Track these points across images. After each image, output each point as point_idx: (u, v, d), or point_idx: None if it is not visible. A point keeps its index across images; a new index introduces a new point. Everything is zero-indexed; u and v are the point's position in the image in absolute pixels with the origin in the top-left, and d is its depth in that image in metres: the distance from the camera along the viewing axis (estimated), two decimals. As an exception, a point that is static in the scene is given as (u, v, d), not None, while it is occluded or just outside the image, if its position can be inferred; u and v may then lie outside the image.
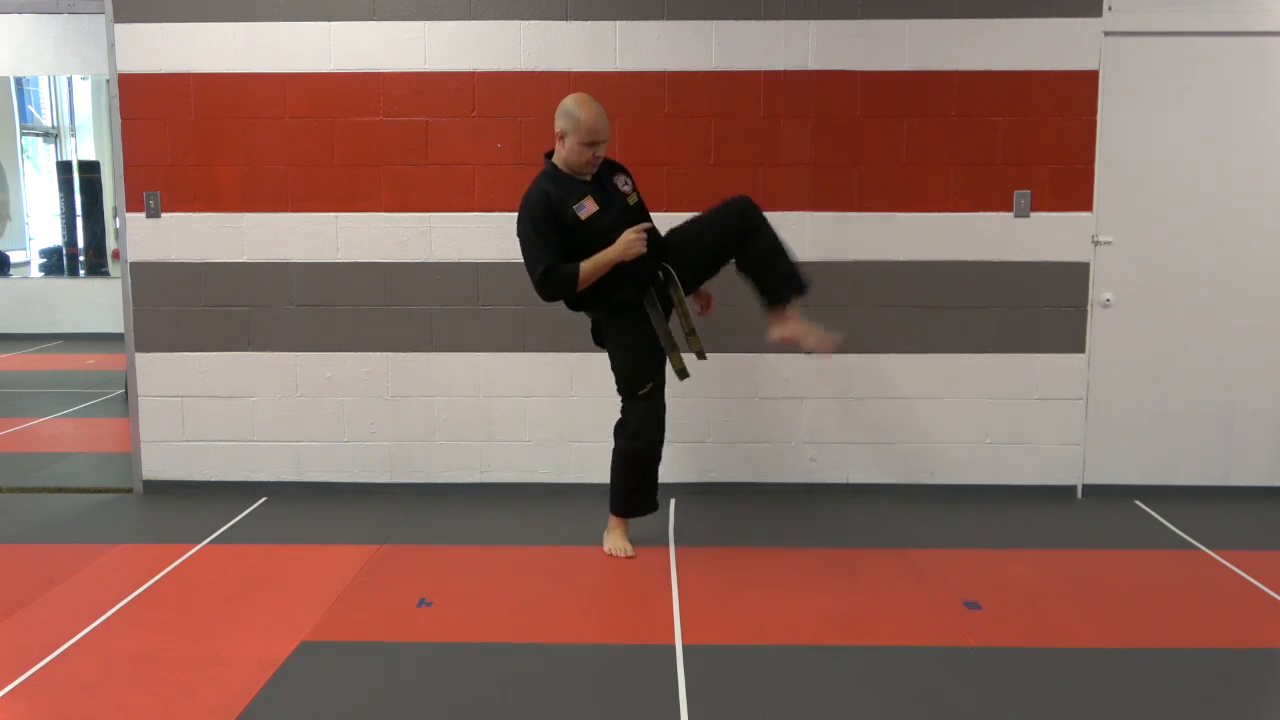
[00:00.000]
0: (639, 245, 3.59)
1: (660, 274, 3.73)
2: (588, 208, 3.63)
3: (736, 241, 3.71)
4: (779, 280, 3.75)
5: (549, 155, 3.73)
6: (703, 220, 3.78)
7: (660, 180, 4.45)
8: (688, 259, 3.74)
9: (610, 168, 3.80)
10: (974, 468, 4.62)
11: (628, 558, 3.85)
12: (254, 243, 4.57)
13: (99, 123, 11.56)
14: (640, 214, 3.77)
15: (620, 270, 3.63)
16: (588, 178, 3.70)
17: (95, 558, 3.89)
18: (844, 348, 4.52)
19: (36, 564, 3.82)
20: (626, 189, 3.77)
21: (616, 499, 3.93)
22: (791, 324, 3.76)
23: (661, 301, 3.76)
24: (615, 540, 3.93)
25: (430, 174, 4.51)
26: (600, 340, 3.89)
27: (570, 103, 3.61)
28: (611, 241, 3.60)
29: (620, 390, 3.85)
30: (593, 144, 3.58)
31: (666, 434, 3.89)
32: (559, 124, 3.62)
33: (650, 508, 3.96)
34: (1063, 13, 4.35)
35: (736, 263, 3.78)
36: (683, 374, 3.76)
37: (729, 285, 3.89)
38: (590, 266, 3.59)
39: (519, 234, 3.66)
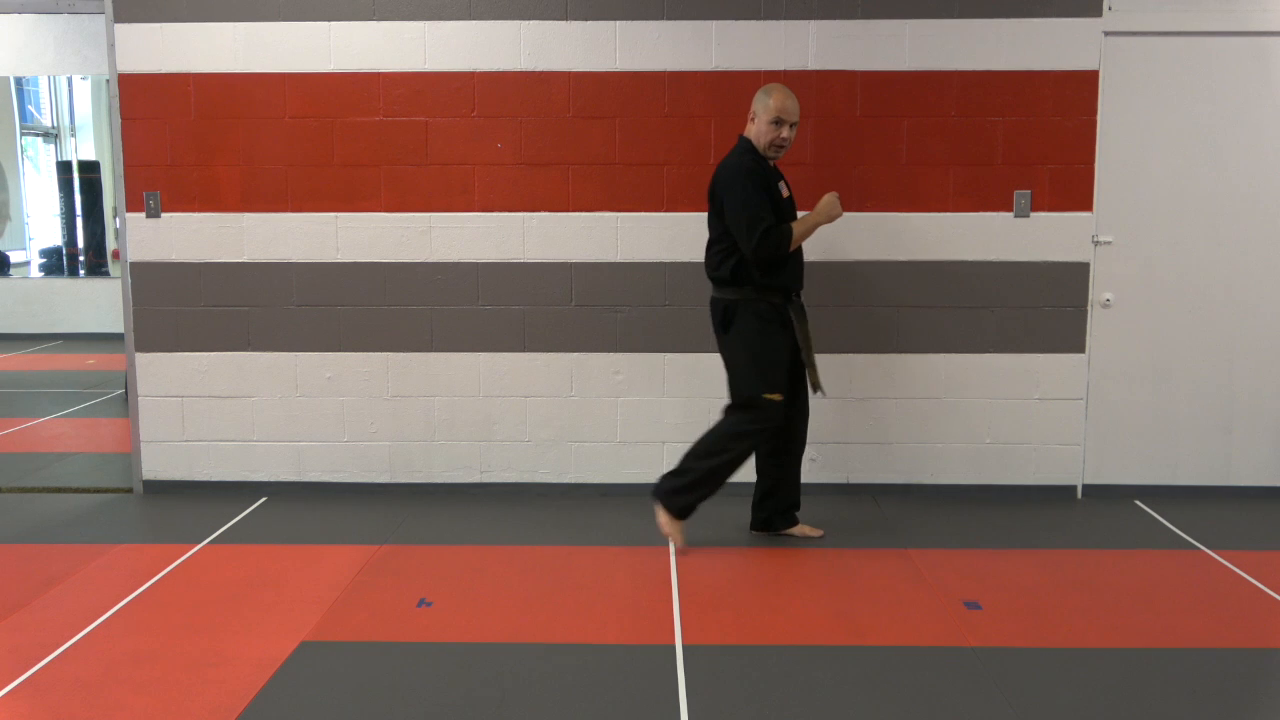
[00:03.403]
0: (839, 207, 3.75)
1: (795, 297, 3.84)
2: (784, 190, 3.79)
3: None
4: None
5: (743, 135, 3.82)
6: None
7: (660, 180, 4.45)
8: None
9: (776, 170, 3.90)
10: (974, 468, 4.62)
11: (679, 550, 3.85)
12: (254, 243, 4.57)
13: (99, 123, 11.56)
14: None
15: (787, 264, 3.74)
16: (773, 166, 3.83)
17: (95, 558, 3.89)
18: (847, 347, 4.53)
19: (36, 564, 3.82)
20: (786, 193, 3.88)
21: (684, 488, 3.86)
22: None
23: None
24: (676, 527, 3.89)
25: (430, 174, 4.51)
26: (726, 328, 3.82)
27: (764, 88, 3.78)
28: None
29: (735, 393, 3.84)
30: (778, 123, 3.71)
31: (667, 434, 3.87)
32: (753, 106, 3.78)
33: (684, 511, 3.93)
34: (1063, 13, 4.35)
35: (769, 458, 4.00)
36: (816, 386, 3.83)
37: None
38: (800, 229, 3.72)
39: (734, 191, 3.69)
